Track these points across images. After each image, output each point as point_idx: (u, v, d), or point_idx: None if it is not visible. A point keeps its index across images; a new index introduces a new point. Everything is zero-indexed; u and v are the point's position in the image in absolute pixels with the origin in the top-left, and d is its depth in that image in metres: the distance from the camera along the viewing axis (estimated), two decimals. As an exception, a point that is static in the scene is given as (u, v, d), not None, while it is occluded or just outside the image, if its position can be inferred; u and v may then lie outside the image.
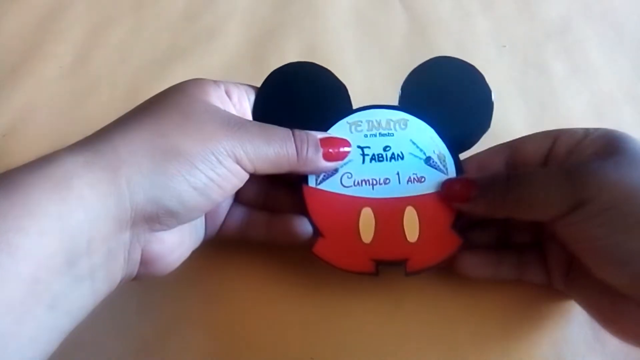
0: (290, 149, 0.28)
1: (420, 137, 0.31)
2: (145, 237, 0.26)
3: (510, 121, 0.42)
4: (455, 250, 0.30)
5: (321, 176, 0.31)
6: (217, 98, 0.29)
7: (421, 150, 0.31)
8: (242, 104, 0.31)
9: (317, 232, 0.30)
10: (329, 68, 0.32)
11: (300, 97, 0.32)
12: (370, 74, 0.44)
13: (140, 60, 0.45)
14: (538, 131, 0.31)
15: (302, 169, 0.29)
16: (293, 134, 0.29)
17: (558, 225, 0.27)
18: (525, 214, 0.28)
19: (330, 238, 0.30)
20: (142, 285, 0.34)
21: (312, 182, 0.31)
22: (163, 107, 0.27)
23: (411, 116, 0.32)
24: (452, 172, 0.31)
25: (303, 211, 0.31)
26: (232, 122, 0.27)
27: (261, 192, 0.33)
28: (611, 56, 0.46)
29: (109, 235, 0.24)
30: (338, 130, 0.31)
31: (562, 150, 0.29)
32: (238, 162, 0.27)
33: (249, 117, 0.31)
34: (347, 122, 0.32)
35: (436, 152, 0.31)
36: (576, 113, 0.42)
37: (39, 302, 0.22)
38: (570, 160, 0.28)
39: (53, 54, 0.45)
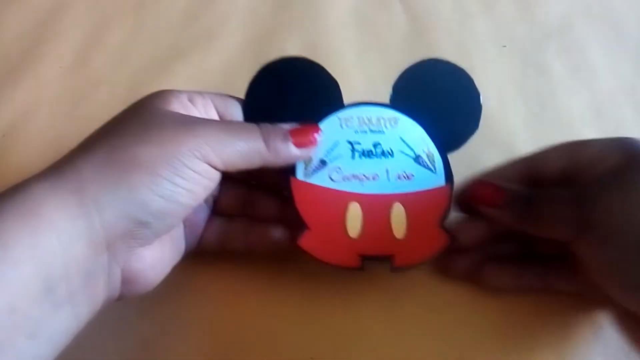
0: (258, 141, 0.28)
1: (410, 135, 0.31)
2: (123, 256, 0.26)
3: (510, 121, 0.42)
4: (441, 248, 0.30)
5: (310, 169, 0.31)
6: (179, 104, 0.28)
7: (411, 148, 0.31)
8: (208, 112, 0.30)
9: (303, 225, 0.30)
10: (328, 68, 0.32)
11: (291, 92, 0.32)
12: (370, 74, 0.44)
13: (140, 60, 0.45)
14: (539, 132, 0.31)
15: (274, 160, 0.28)
16: (259, 127, 0.28)
17: (572, 246, 0.27)
18: (541, 232, 0.28)
19: (316, 231, 0.30)
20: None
21: (300, 174, 0.31)
22: (122, 121, 0.27)
23: (402, 115, 0.32)
24: (440, 172, 0.31)
25: (290, 203, 0.30)
26: (194, 122, 0.26)
27: (239, 202, 0.33)
28: (611, 56, 0.46)
29: (85, 259, 0.24)
30: (329, 124, 0.31)
31: (579, 165, 0.29)
32: (206, 161, 0.26)
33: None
34: (338, 117, 0.32)
35: (425, 151, 0.31)
36: (576, 113, 0.42)
37: (19, 332, 0.22)
38: (586, 177, 0.28)
39: (53, 54, 0.45)
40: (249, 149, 0.27)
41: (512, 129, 0.41)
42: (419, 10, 0.50)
